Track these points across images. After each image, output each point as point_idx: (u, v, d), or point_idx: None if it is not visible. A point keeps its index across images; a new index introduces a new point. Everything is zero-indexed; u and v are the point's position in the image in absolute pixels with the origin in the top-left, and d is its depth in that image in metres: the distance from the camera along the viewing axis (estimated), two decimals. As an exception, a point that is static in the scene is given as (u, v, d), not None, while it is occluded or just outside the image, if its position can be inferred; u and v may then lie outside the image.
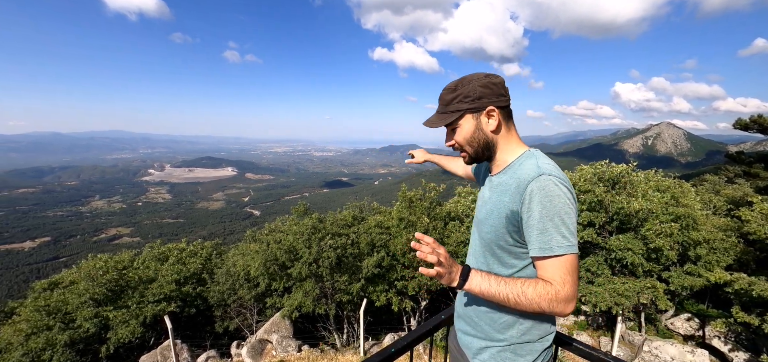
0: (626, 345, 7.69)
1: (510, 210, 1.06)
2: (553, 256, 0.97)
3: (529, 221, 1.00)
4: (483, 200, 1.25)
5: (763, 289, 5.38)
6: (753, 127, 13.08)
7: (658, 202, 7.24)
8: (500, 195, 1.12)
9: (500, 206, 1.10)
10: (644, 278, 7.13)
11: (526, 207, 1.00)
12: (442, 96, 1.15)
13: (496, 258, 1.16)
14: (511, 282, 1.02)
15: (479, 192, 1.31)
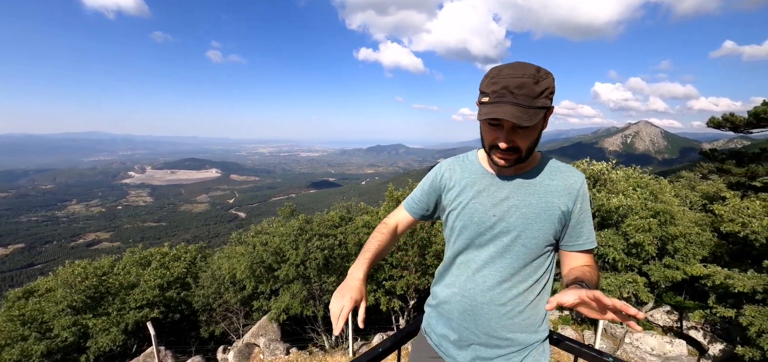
0: (608, 337, 7.89)
1: (561, 212, 1.11)
2: (594, 247, 1.16)
3: (581, 217, 1.13)
4: (508, 204, 1.10)
5: (738, 282, 5.60)
6: (725, 125, 13.62)
7: (637, 199, 7.47)
8: (544, 196, 1.10)
9: (550, 208, 1.10)
10: (625, 272, 7.34)
11: (579, 206, 1.13)
12: (525, 85, 0.93)
13: (534, 263, 1.12)
14: (589, 278, 1.00)
15: (483, 196, 1.13)
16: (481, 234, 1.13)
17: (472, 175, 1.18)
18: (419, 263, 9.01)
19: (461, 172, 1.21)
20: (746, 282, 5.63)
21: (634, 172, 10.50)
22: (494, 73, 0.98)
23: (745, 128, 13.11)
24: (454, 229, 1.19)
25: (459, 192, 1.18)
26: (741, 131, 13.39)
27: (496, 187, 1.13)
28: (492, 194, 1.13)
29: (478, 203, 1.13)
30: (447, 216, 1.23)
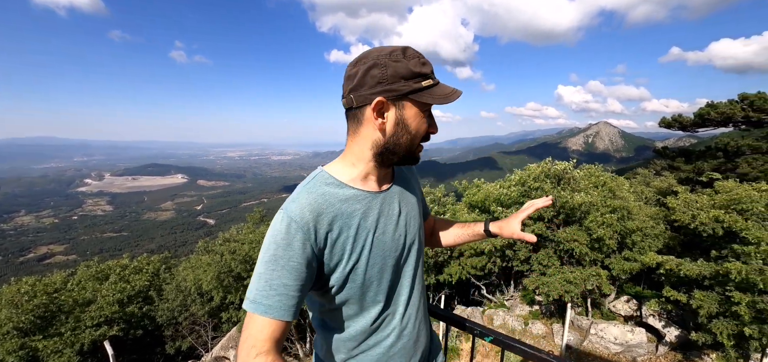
0: (575, 329, 8.22)
1: (420, 195, 1.17)
2: None
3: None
4: (403, 216, 1.01)
5: (688, 269, 6.00)
6: (675, 126, 14.67)
7: (597, 196, 7.85)
8: (413, 190, 1.12)
9: (417, 198, 1.13)
10: (589, 266, 7.69)
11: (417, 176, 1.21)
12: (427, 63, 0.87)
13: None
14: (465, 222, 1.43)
15: (383, 222, 0.94)
16: (397, 266, 0.99)
17: (354, 204, 0.89)
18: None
19: (339, 207, 0.86)
20: (694, 268, 6.05)
21: (595, 170, 11.06)
22: (414, 52, 0.85)
23: (692, 128, 14.16)
24: (367, 281, 0.92)
25: (355, 237, 0.88)
26: (689, 130, 14.46)
27: (387, 204, 0.97)
28: (388, 214, 0.96)
29: (382, 233, 0.93)
30: (348, 276, 0.89)
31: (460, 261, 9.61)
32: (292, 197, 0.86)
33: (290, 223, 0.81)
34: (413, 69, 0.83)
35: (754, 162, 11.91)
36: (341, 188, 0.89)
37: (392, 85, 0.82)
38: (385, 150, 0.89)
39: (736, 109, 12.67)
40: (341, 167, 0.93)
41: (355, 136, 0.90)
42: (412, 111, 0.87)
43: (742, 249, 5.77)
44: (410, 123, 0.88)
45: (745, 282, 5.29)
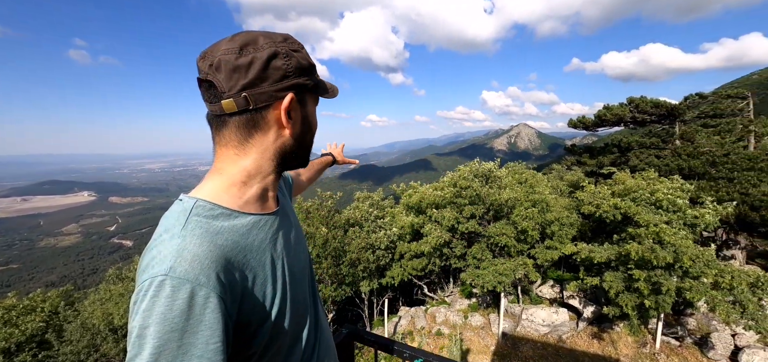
0: (510, 316, 8.84)
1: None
2: None
3: None
4: (297, 234, 0.87)
5: (599, 255, 6.80)
6: (580, 126, 16.70)
7: (521, 192, 8.55)
8: (289, 201, 0.98)
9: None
10: (517, 257, 8.32)
11: None
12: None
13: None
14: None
15: (287, 247, 0.79)
16: (310, 290, 0.89)
17: (258, 233, 0.70)
18: (334, 274, 8.82)
19: (244, 244, 0.67)
20: (603, 253, 6.88)
21: (517, 168, 12.05)
22: (299, 42, 0.74)
23: (593, 127, 16.23)
24: (294, 323, 0.77)
25: (272, 275, 0.71)
26: (590, 130, 16.54)
27: (284, 220, 0.81)
28: (288, 233, 0.81)
29: (292, 258, 0.79)
30: (274, 328, 0.70)
31: (402, 263, 9.76)
32: (169, 251, 0.57)
33: (194, 290, 0.55)
34: (310, 61, 0.73)
35: (641, 154, 14.01)
36: (236, 218, 0.67)
37: (299, 79, 0.70)
38: (290, 156, 0.75)
39: (625, 111, 14.81)
40: (225, 188, 0.69)
41: (248, 145, 0.70)
42: (312, 108, 0.77)
43: (636, 231, 6.70)
44: (312, 120, 0.78)
45: (642, 260, 6.14)
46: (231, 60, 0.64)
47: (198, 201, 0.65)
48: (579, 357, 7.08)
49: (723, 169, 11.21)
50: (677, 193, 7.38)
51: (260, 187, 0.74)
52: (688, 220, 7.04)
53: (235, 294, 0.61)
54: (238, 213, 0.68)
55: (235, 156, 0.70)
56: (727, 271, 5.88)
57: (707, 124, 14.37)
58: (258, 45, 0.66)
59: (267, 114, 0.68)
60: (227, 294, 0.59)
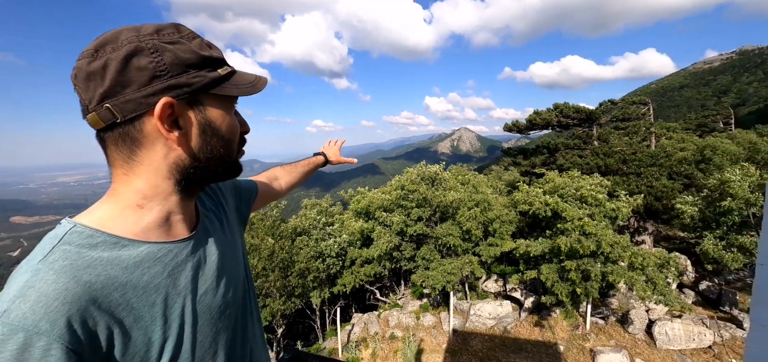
0: (459, 313, 9.15)
1: (235, 212, 0.92)
2: None
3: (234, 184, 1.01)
4: (223, 260, 0.73)
5: (535, 249, 7.34)
6: (514, 129, 18.05)
7: (464, 192, 8.95)
8: (225, 212, 0.85)
9: (233, 218, 0.88)
10: (464, 255, 8.67)
11: (229, 186, 0.98)
12: None
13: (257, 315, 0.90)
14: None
15: (205, 262, 0.69)
16: (235, 326, 0.76)
17: (152, 268, 0.58)
18: (283, 286, 8.44)
19: (124, 281, 0.54)
20: (538, 247, 7.45)
21: (460, 170, 12.61)
22: (193, 32, 0.62)
23: (526, 131, 17.61)
24: None
25: (164, 319, 0.58)
26: (523, 133, 17.92)
27: (202, 247, 0.69)
28: (207, 262, 0.69)
29: (206, 293, 0.67)
30: None
31: (353, 269, 9.65)
32: (12, 288, 0.47)
33: (28, 341, 0.44)
34: (202, 53, 0.59)
35: (567, 154, 15.50)
36: (124, 247, 0.56)
37: (178, 77, 0.56)
38: (194, 172, 0.62)
39: (552, 116, 16.30)
40: (118, 212, 0.58)
41: (135, 164, 0.58)
42: (216, 111, 0.62)
43: (565, 225, 7.35)
44: (220, 126, 0.63)
45: (571, 251, 6.74)
46: (84, 66, 0.53)
47: (76, 226, 0.54)
48: (522, 345, 7.55)
49: (632, 166, 12.82)
50: (597, 189, 8.26)
51: (162, 211, 0.62)
52: (607, 213, 7.90)
53: (95, 343, 0.50)
54: (128, 242, 0.57)
55: (125, 176, 0.59)
56: (640, 254, 6.70)
57: (618, 127, 16.36)
58: (117, 43, 0.53)
59: (143, 126, 0.56)
60: (82, 345, 0.48)
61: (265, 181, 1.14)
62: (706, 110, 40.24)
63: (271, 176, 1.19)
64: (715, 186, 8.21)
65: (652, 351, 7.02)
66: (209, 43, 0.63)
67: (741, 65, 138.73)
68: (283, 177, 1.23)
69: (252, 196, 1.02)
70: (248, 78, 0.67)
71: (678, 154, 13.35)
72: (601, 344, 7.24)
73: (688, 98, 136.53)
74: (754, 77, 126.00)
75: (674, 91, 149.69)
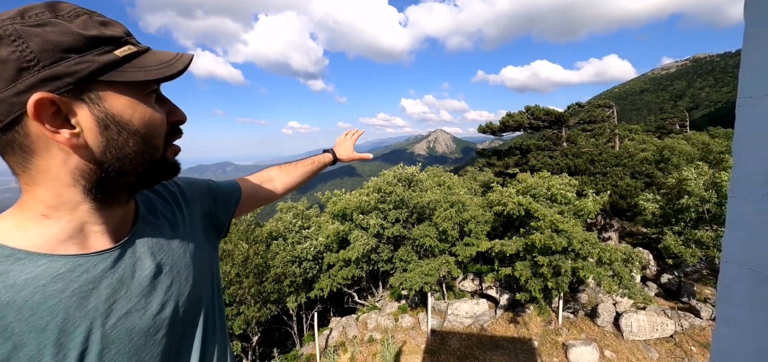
0: (437, 313, 9.23)
1: (205, 216, 0.83)
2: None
3: (217, 186, 0.93)
4: (164, 277, 0.63)
5: (510, 248, 7.52)
6: (488, 131, 18.49)
7: (440, 194, 9.06)
8: (187, 225, 0.75)
9: (197, 227, 0.78)
10: (440, 256, 8.76)
11: (207, 185, 0.91)
12: None
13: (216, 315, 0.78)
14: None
15: (131, 278, 0.58)
16: (168, 352, 0.63)
17: (52, 285, 0.50)
18: (258, 292, 8.22)
19: (8, 298, 0.47)
20: (513, 245, 7.64)
21: (437, 171, 12.76)
22: (77, 8, 0.51)
23: (499, 132, 18.07)
24: None
25: (56, 347, 0.49)
26: (497, 135, 18.38)
27: (130, 261, 0.59)
28: (134, 278, 0.58)
29: (127, 314, 0.56)
30: None
31: (330, 273, 9.54)
32: None
33: None
34: (87, 33, 0.48)
35: (538, 155, 16.03)
36: (16, 262, 0.48)
37: (53, 66, 0.46)
38: (106, 176, 0.53)
39: (524, 118, 16.82)
40: (17, 223, 0.51)
41: (32, 172, 0.50)
42: (121, 99, 0.51)
43: (537, 223, 7.58)
44: (130, 118, 0.53)
45: (544, 248, 6.95)
46: None
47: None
48: (499, 342, 7.71)
49: (599, 166, 13.42)
50: (567, 188, 8.58)
51: (72, 222, 0.54)
52: (576, 211, 8.21)
53: None
54: (24, 255, 0.49)
55: (27, 185, 0.51)
56: (607, 250, 7.00)
57: (585, 129, 17.11)
58: None
59: (28, 129, 0.47)
60: None
61: (256, 183, 1.04)
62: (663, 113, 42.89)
63: (264, 177, 1.09)
64: (674, 184, 8.73)
65: (619, 342, 7.35)
66: (103, 20, 0.52)
67: (694, 71, 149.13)
68: (280, 178, 1.12)
69: (232, 200, 0.92)
70: (163, 57, 0.56)
71: (640, 154, 14.12)
72: (573, 338, 7.51)
73: (648, 102, 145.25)
74: (705, 83, 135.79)
75: (635, 95, 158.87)
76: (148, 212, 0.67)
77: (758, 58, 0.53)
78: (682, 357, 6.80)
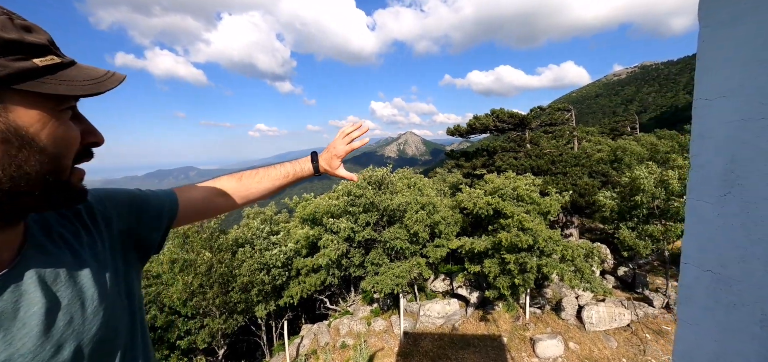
0: (409, 315, 9.25)
1: (125, 237, 0.71)
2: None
3: (140, 198, 0.79)
4: (63, 313, 0.53)
5: (478, 246, 7.68)
6: (456, 133, 18.90)
7: (411, 195, 9.12)
8: (97, 242, 0.64)
9: (115, 247, 0.68)
10: (411, 258, 8.80)
11: (127, 196, 0.78)
12: None
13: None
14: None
15: (9, 315, 0.48)
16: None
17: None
18: (223, 303, 7.86)
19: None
20: (482, 244, 7.81)
21: (407, 173, 12.85)
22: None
23: (467, 134, 18.50)
24: None
25: None
26: (465, 137, 18.82)
27: (12, 296, 0.49)
28: (12, 316, 0.48)
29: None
30: None
31: (300, 279, 9.30)
32: None
33: None
34: (4, 35, 0.43)
35: (504, 157, 16.56)
36: None
37: None
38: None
39: (490, 120, 17.33)
40: None
41: None
42: (32, 113, 0.45)
43: (505, 222, 7.81)
44: (36, 133, 0.46)
45: (511, 246, 7.15)
46: None
47: None
48: (470, 341, 7.84)
49: (560, 166, 14.07)
50: (531, 188, 8.91)
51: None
52: (541, 210, 8.54)
53: None
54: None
55: None
56: (569, 247, 7.33)
57: (547, 131, 17.89)
58: None
59: None
60: None
61: (202, 195, 0.91)
62: (616, 116, 45.84)
63: (218, 188, 0.95)
64: (627, 183, 9.29)
65: (582, 333, 7.71)
66: (26, 24, 0.46)
67: (642, 78, 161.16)
68: (240, 189, 0.99)
69: (164, 215, 0.80)
70: (92, 73, 0.51)
71: (596, 155, 14.98)
72: (539, 332, 7.78)
73: (602, 105, 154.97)
74: (652, 88, 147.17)
75: (591, 99, 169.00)
76: (41, 235, 0.57)
77: (713, 59, 0.54)
78: (638, 345, 7.24)
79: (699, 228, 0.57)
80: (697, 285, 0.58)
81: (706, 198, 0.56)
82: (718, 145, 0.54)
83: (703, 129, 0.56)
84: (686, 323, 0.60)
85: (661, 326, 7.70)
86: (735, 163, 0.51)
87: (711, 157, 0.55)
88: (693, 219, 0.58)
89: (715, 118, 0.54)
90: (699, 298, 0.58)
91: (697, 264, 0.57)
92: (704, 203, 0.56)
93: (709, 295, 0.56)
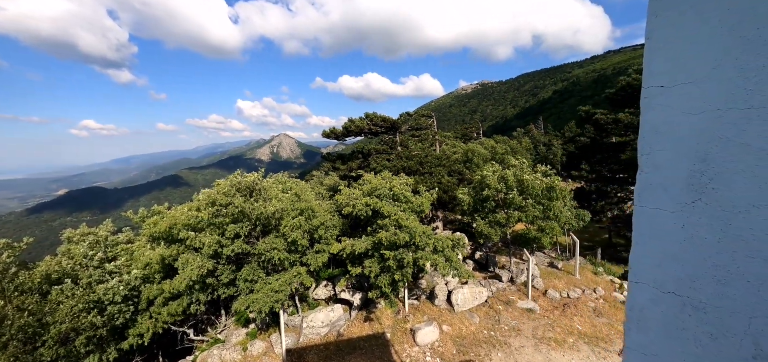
0: (291, 330, 8.61)
1: None
2: None
3: None
4: None
5: (359, 247, 7.69)
6: (331, 136, 18.90)
7: (287, 201, 8.54)
8: None
9: None
10: (291, 268, 8.22)
11: None
12: None
13: None
14: None
15: None
16: None
17: None
18: None
19: None
20: (362, 244, 7.87)
21: (282, 177, 12.09)
22: None
23: (342, 137, 18.69)
24: None
25: None
26: (340, 139, 18.97)
27: None
28: None
29: None
30: None
31: (152, 311, 7.60)
32: None
33: None
34: None
35: (378, 158, 17.36)
36: None
37: None
38: None
39: (364, 123, 17.91)
40: None
41: None
42: None
43: (383, 221, 8.06)
44: None
45: (390, 244, 7.40)
46: None
47: None
48: (356, 344, 7.79)
49: (426, 166, 15.54)
50: (405, 187, 9.48)
51: None
52: (414, 208, 9.16)
53: None
54: None
55: None
56: (439, 239, 8.05)
57: (414, 135, 19.58)
58: None
59: None
60: None
61: None
62: (465, 124, 54.09)
63: None
64: (478, 180, 10.87)
65: (452, 315, 8.58)
66: None
67: (482, 93, 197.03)
68: None
69: None
70: None
71: (453, 156, 17.17)
72: (418, 321, 8.31)
73: (455, 114, 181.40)
74: (489, 102, 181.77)
75: (446, 108, 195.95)
76: None
77: (670, 37, 0.44)
78: (494, 316, 8.48)
79: (654, 242, 0.48)
80: (654, 309, 0.49)
81: (665, 205, 0.47)
82: (680, 142, 0.45)
83: (658, 122, 0.46)
84: (635, 350, 0.51)
85: (508, 297, 9.23)
86: (707, 163, 0.42)
87: (669, 157, 0.46)
88: (645, 231, 0.49)
89: (676, 108, 0.44)
90: (655, 325, 0.49)
91: (655, 285, 0.48)
92: (662, 211, 0.47)
93: (673, 322, 0.46)
